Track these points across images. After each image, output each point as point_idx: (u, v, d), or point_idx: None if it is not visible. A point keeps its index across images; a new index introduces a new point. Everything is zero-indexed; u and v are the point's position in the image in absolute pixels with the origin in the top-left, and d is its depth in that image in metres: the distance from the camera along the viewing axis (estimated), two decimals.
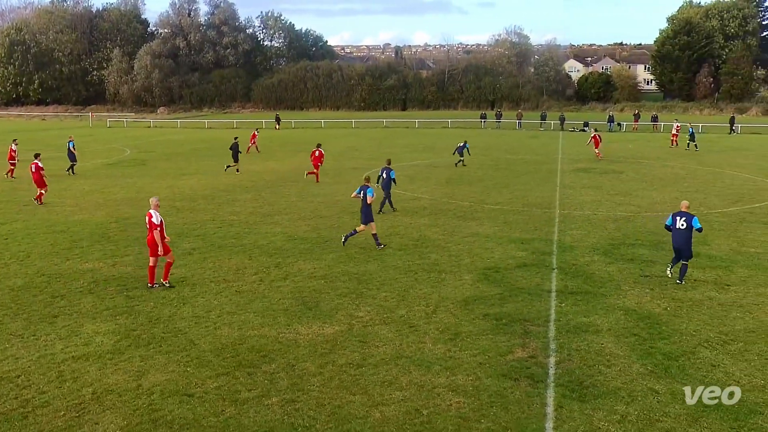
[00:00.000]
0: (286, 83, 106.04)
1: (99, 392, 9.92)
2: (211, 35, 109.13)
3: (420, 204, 25.21)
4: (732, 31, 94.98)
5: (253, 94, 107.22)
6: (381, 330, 12.34)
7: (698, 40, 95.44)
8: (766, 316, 13.01)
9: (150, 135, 62.91)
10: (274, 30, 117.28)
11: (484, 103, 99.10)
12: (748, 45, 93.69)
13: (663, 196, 26.75)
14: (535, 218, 22.56)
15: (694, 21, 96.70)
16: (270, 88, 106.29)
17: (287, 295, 14.37)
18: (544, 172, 34.51)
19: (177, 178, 32.64)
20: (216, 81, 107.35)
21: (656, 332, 12.19)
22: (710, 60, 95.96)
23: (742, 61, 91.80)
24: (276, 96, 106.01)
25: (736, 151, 44.47)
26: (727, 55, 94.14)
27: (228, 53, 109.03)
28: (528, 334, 12.14)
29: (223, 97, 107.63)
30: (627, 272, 16.04)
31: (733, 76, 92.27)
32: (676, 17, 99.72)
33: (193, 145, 51.81)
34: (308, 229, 20.87)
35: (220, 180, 31.74)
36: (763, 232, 20.29)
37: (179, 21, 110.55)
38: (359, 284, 15.12)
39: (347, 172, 34.59)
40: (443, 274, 15.86)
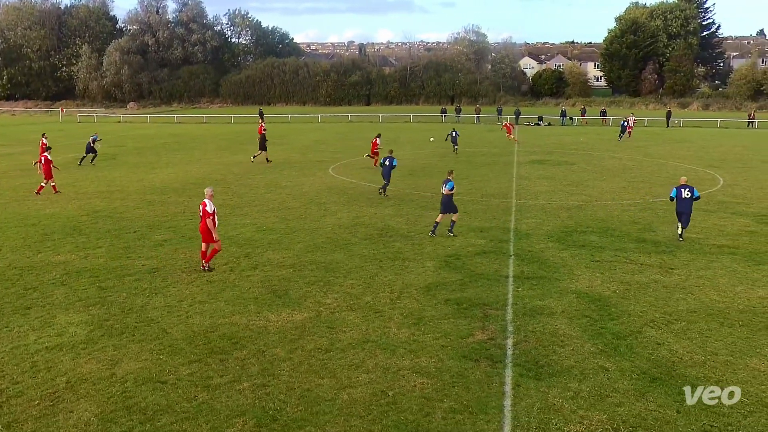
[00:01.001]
0: (253, 79, 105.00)
1: (73, 381, 9.72)
2: (180, 32, 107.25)
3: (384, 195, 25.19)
4: (674, 30, 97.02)
5: (222, 89, 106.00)
6: (348, 316, 12.35)
7: (643, 39, 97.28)
8: (707, 297, 13.38)
9: (120, 130, 61.62)
10: (241, 27, 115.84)
11: (444, 98, 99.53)
12: (689, 44, 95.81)
13: (612, 186, 27.24)
14: (493, 208, 22.77)
15: (640, 21, 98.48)
16: (238, 84, 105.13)
17: (257, 284, 14.27)
18: (501, 164, 34.82)
19: (148, 171, 32.05)
20: (185, 77, 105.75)
21: (606, 314, 12.44)
22: (655, 58, 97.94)
23: (683, 59, 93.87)
24: (244, 92, 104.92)
25: (679, 144, 45.50)
26: (670, 54, 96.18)
27: (196, 50, 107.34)
28: (487, 317, 12.27)
29: (192, 92, 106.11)
30: (579, 258, 16.31)
31: (676, 73, 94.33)
32: (623, 17, 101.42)
33: (163, 139, 50.89)
34: (276, 220, 20.73)
35: (191, 173, 31.28)
36: (703, 218, 20.83)
37: (147, 18, 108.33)
38: (327, 272, 15.09)
39: (313, 165, 34.41)
40: (407, 262, 15.92)
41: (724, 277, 14.79)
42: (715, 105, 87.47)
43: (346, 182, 28.48)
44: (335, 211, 22.11)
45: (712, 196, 25.06)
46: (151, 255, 16.54)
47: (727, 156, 38.06)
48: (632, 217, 21.26)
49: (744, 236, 18.59)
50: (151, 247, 17.40)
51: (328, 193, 25.79)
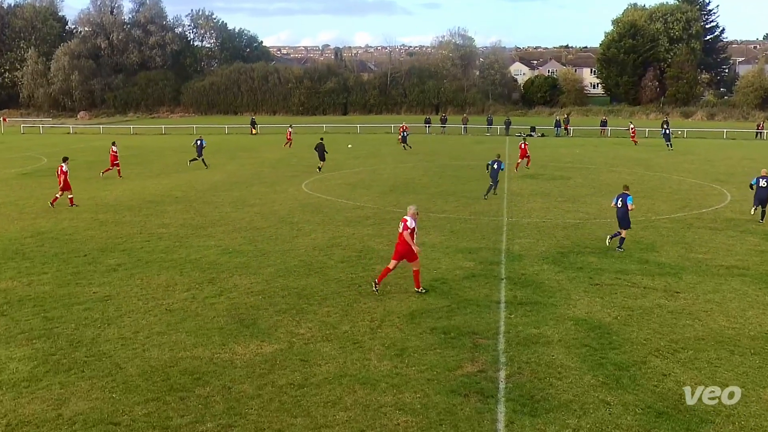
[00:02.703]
0: (218, 86, 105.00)
1: (14, 424, 9.52)
2: (136, 34, 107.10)
3: (363, 213, 25.24)
4: (676, 34, 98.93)
5: (183, 97, 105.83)
6: (323, 347, 12.28)
7: (643, 43, 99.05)
8: (715, 323, 13.52)
9: (69, 142, 61.08)
10: (205, 29, 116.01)
11: (428, 107, 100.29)
12: (692, 48, 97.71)
13: (611, 202, 27.46)
14: (482, 227, 22.88)
15: (639, 24, 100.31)
16: (201, 91, 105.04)
17: (222, 312, 14.16)
18: None
19: (100, 188, 31.78)
20: (142, 83, 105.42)
21: (607, 342, 12.51)
22: (655, 63, 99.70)
23: (686, 64, 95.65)
24: (208, 100, 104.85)
25: (682, 156, 46.21)
26: (671, 59, 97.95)
27: (155, 54, 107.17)
28: (477, 347, 12.27)
29: (149, 100, 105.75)
30: (577, 281, 16.42)
31: (678, 80, 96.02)
32: (621, 20, 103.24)
33: (118, 152, 50.44)
34: (244, 242, 20.63)
35: (148, 190, 31.07)
36: (711, 237, 21.12)
37: (101, 19, 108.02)
38: (299, 299, 15.01)
39: (285, 180, 34.38)
40: (388, 287, 15.87)
41: (734, 300, 14.97)
42: (721, 114, 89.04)
43: (322, 199, 28.48)
44: (309, 232, 22.06)
45: (719, 213, 25.43)
46: (104, 281, 16.33)
47: (735, 170, 38.71)
48: (634, 236, 21.47)
49: (754, 256, 18.86)
50: (103, 272, 17.18)
51: (302, 211, 25.74)
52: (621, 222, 19.57)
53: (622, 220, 19.51)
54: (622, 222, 19.54)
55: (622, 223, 19.51)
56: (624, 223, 19.52)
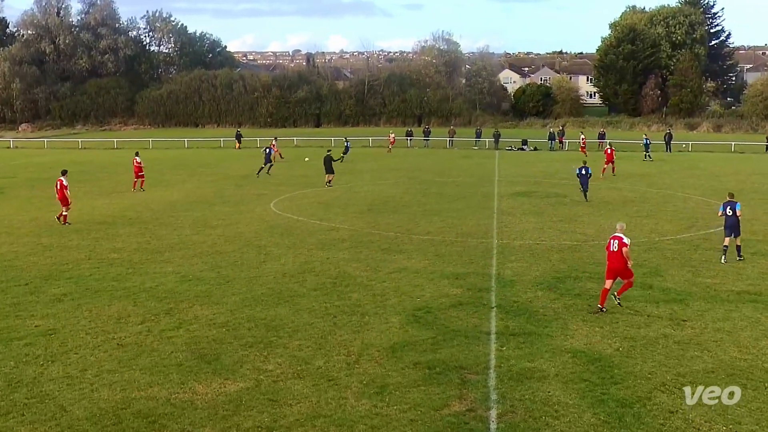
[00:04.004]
0: (177, 95, 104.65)
1: None
2: (86, 38, 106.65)
3: (338, 235, 25.23)
4: (679, 39, 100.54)
5: (138, 107, 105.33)
6: (294, 385, 12.20)
7: (643, 48, 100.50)
8: (726, 354, 13.64)
9: (9, 157, 60.52)
10: (162, 33, 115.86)
11: (409, 118, 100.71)
12: (696, 54, 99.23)
13: (611, 222, 27.60)
14: (470, 249, 22.95)
15: (639, 28, 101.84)
16: (158, 100, 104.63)
17: (181, 347, 14.03)
18: (480, 196, 35.25)
19: (44, 208, 31.46)
20: (92, 92, 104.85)
21: (608, 376, 12.56)
22: (657, 71, 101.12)
23: (690, 72, 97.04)
24: (165, 110, 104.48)
25: (688, 171, 46.81)
26: (674, 66, 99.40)
27: (106, 59, 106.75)
28: (465, 383, 12.25)
29: (100, 111, 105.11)
30: (574, 309, 16.49)
31: (682, 88, 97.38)
32: (619, 23, 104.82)
33: (65, 168, 50.02)
34: (206, 268, 20.51)
35: (98, 210, 30.83)
36: (719, 260, 21.32)
37: (46, 21, 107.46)
38: (268, 331, 14.93)
39: (251, 199, 34.29)
40: (366, 317, 15.86)
41: (746, 329, 15.11)
42: (728, 126, 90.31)
43: (292, 220, 28.44)
44: (278, 256, 21.99)
45: None
46: (47, 313, 16.13)
47: (744, 186, 39.22)
48: (636, 258, 21.56)
49: (766, 280, 19.09)
50: (46, 303, 16.99)
51: (270, 233, 25.68)
52: (734, 230, 21.08)
53: (735, 227, 21.08)
54: (735, 230, 21.10)
55: (736, 231, 21.12)
56: (737, 231, 21.13)
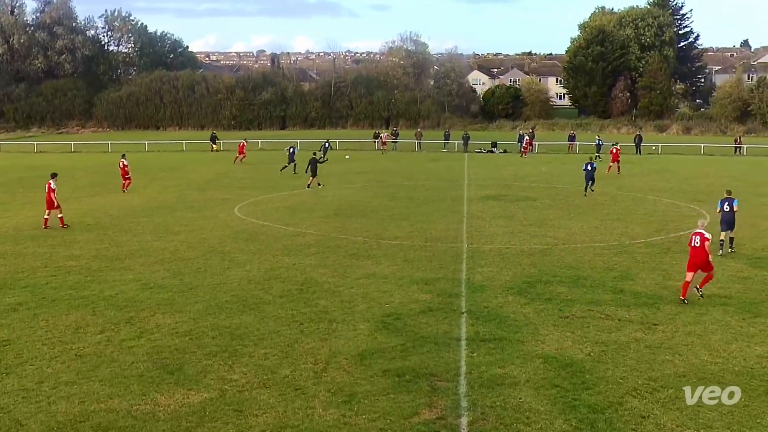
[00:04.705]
0: (137, 97, 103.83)
1: None
2: (41, 37, 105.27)
3: (304, 241, 25.15)
4: (647, 40, 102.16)
5: (96, 110, 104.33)
6: (260, 395, 12.13)
7: (612, 50, 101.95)
8: (697, 358, 13.84)
9: None
10: (121, 32, 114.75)
11: (377, 120, 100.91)
12: (665, 56, 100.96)
13: (582, 226, 28.07)
14: (439, 254, 23.02)
15: (608, 29, 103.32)
16: (117, 102, 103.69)
17: (142, 357, 13.88)
18: (449, 200, 35.39)
19: None
20: (48, 94, 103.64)
21: (579, 382, 12.66)
22: (626, 72, 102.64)
23: (659, 73, 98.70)
24: (125, 112, 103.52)
25: (658, 174, 47.47)
26: (643, 68, 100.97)
27: (63, 60, 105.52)
28: (435, 391, 12.27)
29: (57, 113, 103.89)
30: (545, 314, 16.62)
31: (651, 90, 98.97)
32: (588, 25, 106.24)
33: (19, 173, 49.34)
34: (168, 275, 20.31)
35: (54, 216, 30.33)
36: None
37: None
38: (233, 340, 14.82)
39: (215, 204, 34.05)
40: (334, 324, 15.82)
41: (716, 332, 15.35)
42: (697, 128, 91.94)
43: (257, 225, 28.29)
44: (243, 262, 21.87)
45: None
46: (1, 323, 15.87)
47: (713, 188, 39.84)
48: (607, 262, 21.90)
49: (737, 283, 19.42)
50: (0, 312, 16.70)
51: (234, 239, 25.52)
52: (730, 225, 22.91)
53: (731, 222, 22.91)
54: (731, 225, 22.91)
55: (731, 226, 22.93)
56: (732, 225, 22.92)
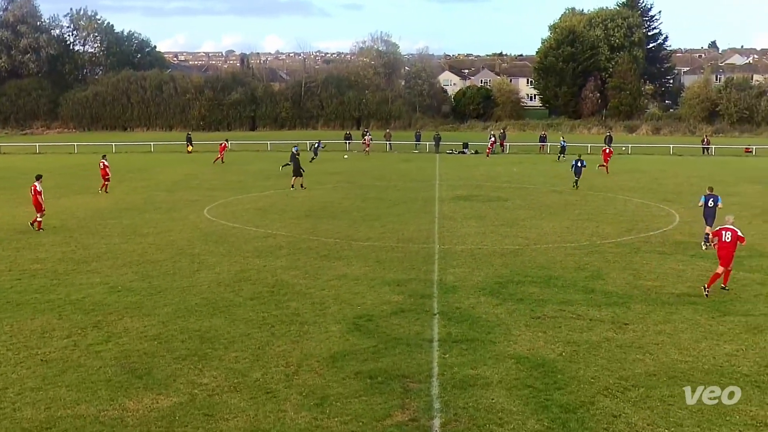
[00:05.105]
0: (103, 97, 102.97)
1: None
2: (5, 36, 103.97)
3: (275, 242, 25.07)
4: (617, 41, 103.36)
5: (62, 110, 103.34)
6: (231, 399, 12.07)
7: (583, 51, 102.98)
8: (667, 357, 14.01)
9: None
10: (87, 31, 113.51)
11: (348, 120, 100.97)
12: (634, 57, 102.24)
13: (553, 226, 28.28)
14: (411, 255, 23.07)
15: (578, 30, 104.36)
16: (83, 103, 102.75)
17: (110, 361, 13.75)
18: (421, 201, 35.48)
19: None
20: (12, 94, 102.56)
21: (552, 382, 12.76)
22: (596, 73, 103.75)
23: (628, 74, 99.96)
24: (91, 113, 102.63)
25: (628, 174, 47.99)
26: (613, 68, 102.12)
27: (27, 59, 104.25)
28: (408, 392, 12.30)
29: (21, 114, 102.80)
30: (517, 314, 16.72)
31: (621, 90, 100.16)
32: (559, 25, 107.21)
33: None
34: (136, 278, 20.14)
35: (18, 219, 29.92)
36: (660, 263, 21.94)
37: None
38: (202, 343, 14.74)
39: (184, 205, 33.81)
40: (306, 326, 15.79)
41: (686, 331, 15.56)
42: (667, 128, 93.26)
43: (227, 227, 28.14)
44: (213, 264, 21.74)
45: (668, 235, 26.49)
46: None
47: (683, 188, 40.48)
48: (578, 262, 22.09)
49: (706, 282, 19.66)
50: None
51: (204, 241, 25.37)
52: (711, 220, 24.04)
53: (714, 217, 24.00)
54: (711, 220, 24.02)
55: (711, 221, 23.98)
56: (712, 221, 23.97)
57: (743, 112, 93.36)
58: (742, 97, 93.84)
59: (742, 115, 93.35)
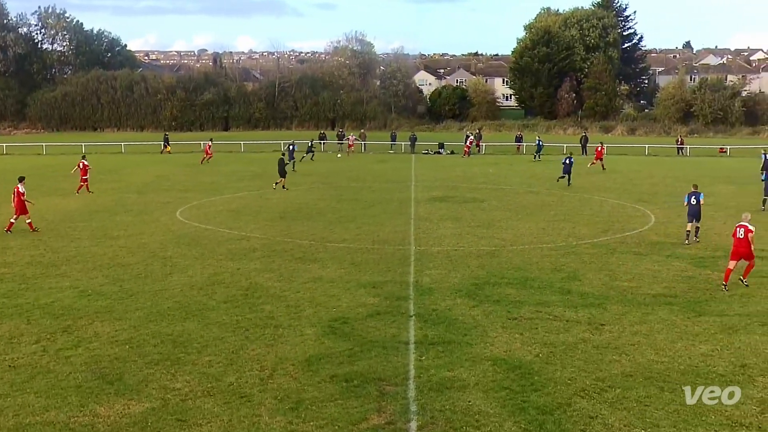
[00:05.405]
0: (73, 97, 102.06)
1: None
2: None
3: (249, 244, 24.97)
4: (592, 42, 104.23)
5: (30, 110, 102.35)
6: (205, 403, 12.01)
7: (558, 51, 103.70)
8: (643, 357, 14.15)
9: None
10: (56, 30, 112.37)
11: (323, 121, 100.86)
12: (609, 57, 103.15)
13: (529, 227, 28.44)
14: (387, 257, 23.09)
15: (553, 30, 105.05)
16: (52, 103, 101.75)
17: (80, 367, 13.63)
18: (396, 202, 35.53)
19: None
20: None
21: (528, 383, 12.84)
22: (572, 73, 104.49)
23: (604, 74, 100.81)
24: (60, 113, 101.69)
25: (603, 175, 48.40)
26: (588, 68, 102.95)
27: None
28: (384, 395, 12.31)
29: None
30: (494, 316, 16.80)
31: (596, 91, 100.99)
32: (534, 25, 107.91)
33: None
34: (107, 282, 19.97)
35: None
36: (635, 263, 22.16)
37: None
38: (175, 348, 14.65)
39: (155, 207, 33.57)
40: (280, 330, 15.75)
41: (662, 332, 15.72)
42: (642, 129, 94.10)
43: (200, 229, 27.98)
44: (185, 267, 21.62)
45: (644, 236, 26.76)
46: None
47: (658, 188, 40.90)
48: (554, 263, 22.24)
49: (681, 282, 19.93)
50: None
51: (176, 243, 25.21)
52: (696, 217, 25.21)
53: (697, 214, 25.21)
54: (697, 216, 25.21)
55: (698, 218, 25.26)
56: (698, 217, 25.26)
57: (717, 113, 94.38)
58: (716, 97, 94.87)
59: (717, 115, 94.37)
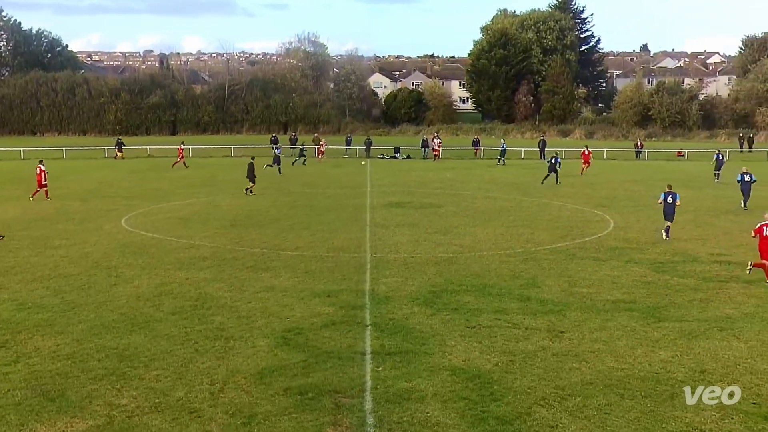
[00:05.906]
0: (10, 100, 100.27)
1: None
2: None
3: (198, 253, 24.74)
4: (550, 44, 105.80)
5: None
6: (152, 420, 11.85)
7: (515, 53, 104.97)
8: (603, 365, 14.35)
9: None
10: None
11: (275, 125, 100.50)
12: (567, 60, 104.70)
13: (487, 233, 28.67)
14: (342, 265, 23.06)
15: (510, 32, 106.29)
16: None
17: (19, 383, 13.35)
18: (351, 208, 35.53)
19: None
20: None
21: (488, 393, 12.92)
22: (529, 76, 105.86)
23: (561, 77, 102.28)
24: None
25: (562, 179, 48.98)
26: (546, 71, 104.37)
27: None
28: (340, 408, 12.28)
29: None
30: (452, 324, 16.87)
31: (554, 94, 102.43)
32: (491, 27, 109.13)
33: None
34: (48, 293, 19.61)
35: None
36: (595, 269, 22.47)
37: None
38: (121, 362, 14.44)
39: (99, 215, 33.07)
40: (231, 341, 15.63)
41: (622, 338, 15.96)
42: (600, 132, 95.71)
43: (146, 237, 27.64)
44: (131, 278, 21.34)
45: (603, 241, 27.16)
46: None
47: (617, 193, 41.59)
48: (513, 270, 22.44)
49: (641, 288, 20.26)
50: None
51: (121, 253, 24.87)
52: (671, 216, 26.84)
53: (672, 214, 26.89)
54: (671, 216, 26.86)
55: (672, 217, 26.88)
56: (672, 217, 26.90)
57: (675, 116, 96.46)
58: (673, 101, 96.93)
59: (675, 119, 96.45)
